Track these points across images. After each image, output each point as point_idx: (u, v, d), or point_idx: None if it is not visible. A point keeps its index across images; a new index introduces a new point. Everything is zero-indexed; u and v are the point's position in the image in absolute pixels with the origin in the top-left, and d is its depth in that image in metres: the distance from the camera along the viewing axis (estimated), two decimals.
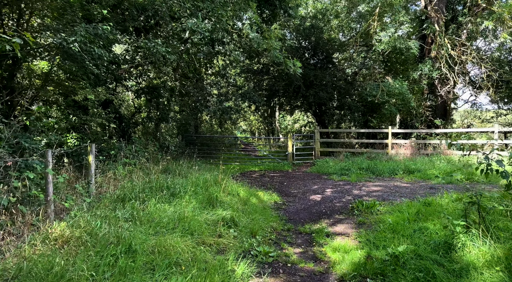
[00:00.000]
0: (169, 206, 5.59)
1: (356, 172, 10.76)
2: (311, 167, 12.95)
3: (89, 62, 4.84)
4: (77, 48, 4.10)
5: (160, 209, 5.34)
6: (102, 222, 4.25)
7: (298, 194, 7.85)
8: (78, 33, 3.98)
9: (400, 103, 14.68)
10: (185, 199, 5.99)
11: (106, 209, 4.96)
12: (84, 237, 3.80)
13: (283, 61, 8.35)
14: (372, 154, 12.82)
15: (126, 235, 3.87)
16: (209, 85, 16.41)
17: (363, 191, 7.94)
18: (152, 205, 5.41)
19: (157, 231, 4.38)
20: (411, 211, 5.76)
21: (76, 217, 4.28)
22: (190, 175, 8.11)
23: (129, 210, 4.89)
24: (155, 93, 10.16)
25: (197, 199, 6.09)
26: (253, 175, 11.31)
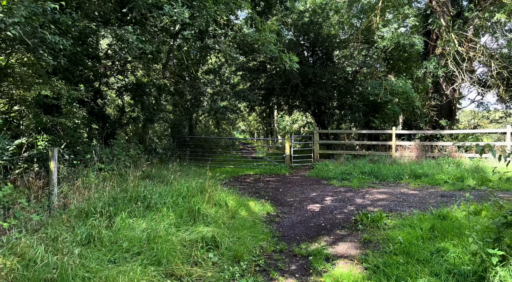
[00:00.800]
0: (142, 221, 4.77)
1: (358, 177, 9.94)
2: (309, 171, 12.13)
3: (43, 52, 4.04)
4: (18, 31, 3.31)
5: (130, 226, 4.52)
6: (49, 247, 3.43)
7: (295, 203, 7.02)
8: (18, 13, 3.19)
9: (403, 102, 13.87)
10: (162, 212, 5.17)
11: (63, 228, 4.14)
12: (16, 269, 2.98)
13: (278, 55, 7.54)
14: (375, 156, 12.01)
15: (71, 267, 3.05)
16: (204, 84, 15.60)
17: (367, 200, 7.12)
18: (120, 221, 4.59)
19: (117, 258, 3.56)
20: (424, 226, 4.95)
21: (16, 240, 3.46)
22: (175, 182, 7.29)
23: (88, 228, 4.07)
24: (139, 90, 9.34)
25: (176, 212, 5.27)
26: (247, 179, 10.49)
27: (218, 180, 10.23)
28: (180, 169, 10.50)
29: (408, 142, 12.13)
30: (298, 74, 13.12)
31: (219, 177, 10.89)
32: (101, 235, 4.03)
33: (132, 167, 8.42)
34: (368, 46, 18.05)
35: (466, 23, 14.97)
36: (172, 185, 6.77)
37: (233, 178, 10.75)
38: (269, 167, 12.98)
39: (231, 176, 11.30)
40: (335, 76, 13.89)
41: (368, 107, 14.45)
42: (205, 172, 11.46)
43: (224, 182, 9.81)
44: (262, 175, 11.61)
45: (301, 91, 13.57)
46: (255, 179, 10.50)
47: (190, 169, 10.97)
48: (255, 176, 11.23)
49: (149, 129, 10.92)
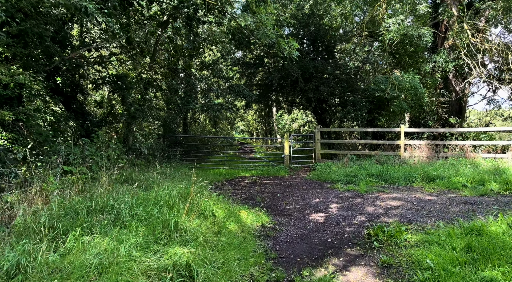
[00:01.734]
0: (103, 239, 3.77)
1: (365, 180, 8.95)
2: (310, 172, 11.14)
3: None
4: None
5: (83, 247, 3.52)
6: None
7: (295, 211, 6.02)
8: None
9: (411, 98, 12.88)
10: (131, 227, 4.18)
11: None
12: None
13: (276, 41, 6.54)
14: (382, 157, 11.01)
15: None
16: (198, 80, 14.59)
17: (379, 208, 6.12)
18: (72, 241, 3.59)
19: None
20: (457, 245, 3.96)
21: None
22: (155, 187, 6.30)
23: (20, 253, 3.07)
24: (119, 83, 8.34)
25: (148, 226, 4.27)
26: (242, 182, 9.49)
27: (209, 183, 9.24)
28: (168, 171, 9.51)
29: (418, 141, 11.13)
30: (298, 68, 12.13)
31: (211, 179, 9.92)
32: (38, 263, 3.04)
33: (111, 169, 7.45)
34: (372, 40, 17.06)
35: (478, 13, 14.00)
36: (151, 191, 5.78)
37: (227, 181, 9.75)
38: (266, 169, 11.99)
39: (225, 178, 10.31)
40: (338, 70, 12.89)
41: (373, 104, 13.45)
42: (195, 174, 10.47)
43: (216, 185, 8.82)
44: (259, 177, 10.61)
45: (301, 86, 12.56)
46: (251, 182, 9.50)
47: (179, 171, 9.97)
48: (251, 178, 10.23)
49: (133, 127, 9.91)
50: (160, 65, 12.02)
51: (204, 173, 10.87)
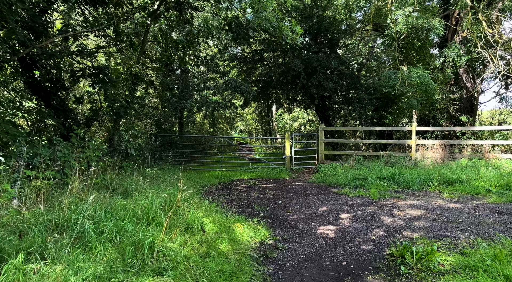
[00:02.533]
0: (53, 268, 2.89)
1: (376, 184, 8.08)
2: (314, 175, 10.27)
3: None
4: None
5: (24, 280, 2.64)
6: None
7: (299, 223, 5.14)
8: None
9: (421, 95, 12.01)
10: (95, 250, 3.30)
11: None
12: None
13: (277, 26, 5.66)
14: (391, 158, 10.14)
15: None
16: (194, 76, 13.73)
17: (398, 218, 5.24)
18: (9, 272, 2.71)
19: None
20: (511, 273, 3.09)
21: None
22: (138, 194, 5.44)
23: None
24: (100, 76, 7.44)
25: (119, 248, 3.40)
26: (240, 186, 8.61)
27: (202, 187, 8.37)
28: (157, 175, 8.64)
29: (431, 141, 10.25)
30: (300, 62, 11.25)
31: (205, 183, 9.04)
32: None
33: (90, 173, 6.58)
34: (377, 34, 16.20)
35: (491, 4, 13.14)
36: (130, 200, 4.91)
37: (223, 185, 8.87)
38: (266, 171, 11.11)
39: (221, 182, 9.43)
40: (343, 64, 12.00)
41: (380, 101, 12.58)
42: (188, 177, 9.59)
43: (210, 190, 7.94)
44: (258, 180, 9.73)
45: (304, 82, 11.68)
46: (249, 186, 8.62)
47: (170, 174, 9.09)
48: (250, 181, 9.35)
49: (120, 126, 9.03)
50: (151, 59, 11.13)
51: (199, 176, 9.99)
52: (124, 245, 3.41)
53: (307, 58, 11.05)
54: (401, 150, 12.41)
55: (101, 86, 7.47)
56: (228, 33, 10.46)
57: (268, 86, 13.84)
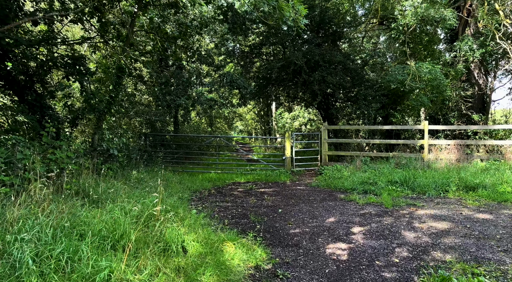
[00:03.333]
0: None
1: (387, 189, 7.22)
2: (316, 178, 9.41)
3: None
4: None
5: None
6: None
7: (304, 240, 4.27)
8: None
9: (432, 91, 11.15)
10: None
11: None
12: None
13: (276, 5, 4.79)
14: (402, 159, 9.27)
15: None
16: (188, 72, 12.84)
17: (421, 233, 4.37)
18: None
19: None
20: None
21: None
22: (111, 204, 4.57)
23: None
24: (76, 67, 6.56)
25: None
26: (235, 191, 7.74)
27: (193, 193, 7.49)
28: (145, 177, 7.77)
29: (445, 141, 9.39)
30: (302, 55, 10.39)
31: (197, 187, 8.17)
32: None
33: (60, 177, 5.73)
34: (383, 27, 15.38)
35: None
36: (97, 211, 4.04)
37: (217, 189, 8.00)
38: (265, 173, 10.25)
39: (215, 185, 8.56)
40: (348, 59, 11.13)
41: (388, 98, 11.72)
42: (179, 180, 8.73)
43: (201, 196, 7.06)
44: (255, 183, 8.87)
45: (305, 77, 10.81)
46: (246, 191, 7.74)
47: (158, 177, 8.22)
48: (247, 185, 8.47)
49: (102, 123, 8.15)
50: (141, 52, 10.25)
51: (191, 179, 9.12)
52: (73, 279, 2.54)
53: (309, 51, 10.19)
54: (410, 150, 11.57)
55: (77, 79, 6.59)
56: (223, 23, 9.59)
57: (267, 82, 12.96)
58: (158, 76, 11.48)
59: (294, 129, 22.07)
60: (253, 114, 38.18)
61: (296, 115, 21.56)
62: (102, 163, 7.49)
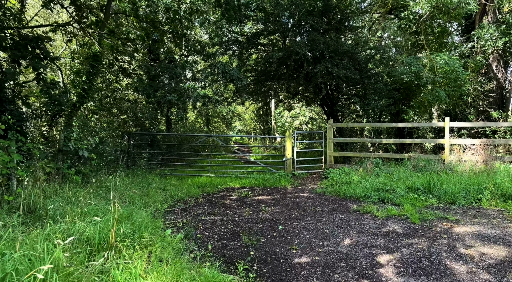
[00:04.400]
0: None
1: (408, 196, 6.06)
2: (321, 182, 8.25)
3: None
4: None
5: None
6: None
7: (314, 276, 3.09)
8: None
9: (449, 85, 10.00)
10: None
11: None
12: None
13: None
14: (419, 161, 8.11)
15: None
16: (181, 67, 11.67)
17: (475, 265, 3.20)
18: None
19: None
20: None
21: None
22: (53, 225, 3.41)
23: None
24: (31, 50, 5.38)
25: None
26: (227, 200, 6.56)
27: (177, 202, 6.31)
28: (119, 184, 6.58)
29: (469, 140, 8.23)
30: (304, 44, 9.22)
31: (182, 195, 6.97)
32: None
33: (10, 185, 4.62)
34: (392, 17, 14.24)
35: None
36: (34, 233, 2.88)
37: (206, 197, 6.82)
38: (263, 176, 9.07)
39: (204, 192, 7.38)
40: (355, 49, 9.97)
41: (399, 92, 10.57)
42: (163, 186, 7.55)
43: (185, 206, 5.88)
44: (252, 189, 7.70)
45: (308, 69, 9.64)
46: (240, 199, 6.57)
47: (139, 183, 7.06)
48: (242, 191, 7.30)
49: (72, 121, 6.98)
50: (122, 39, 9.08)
51: (179, 184, 7.96)
52: None
53: (312, 39, 9.03)
54: (421, 151, 10.43)
55: (32, 64, 5.41)
56: (216, 8, 8.42)
57: (266, 77, 11.78)
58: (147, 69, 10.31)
59: (294, 129, 20.91)
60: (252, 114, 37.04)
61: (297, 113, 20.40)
62: (70, 166, 6.32)
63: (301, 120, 21.77)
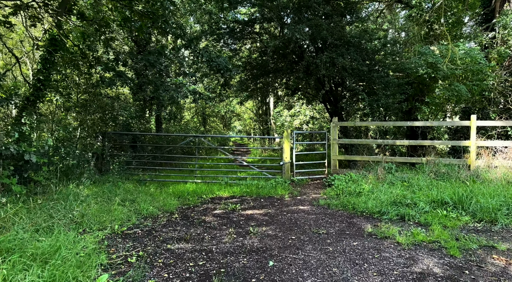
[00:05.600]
0: None
1: (435, 213, 4.82)
2: (325, 191, 7.01)
3: None
4: None
5: None
6: None
7: None
8: None
9: (470, 78, 8.76)
10: None
11: None
12: None
13: None
14: (441, 166, 6.86)
15: None
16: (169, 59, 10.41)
17: None
18: None
19: None
20: None
21: None
22: None
23: None
24: None
25: None
26: (209, 216, 5.32)
27: (144, 219, 5.05)
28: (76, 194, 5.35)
29: (500, 142, 6.97)
30: (304, 30, 7.97)
31: (153, 209, 5.72)
32: None
33: None
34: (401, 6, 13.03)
35: None
36: None
37: (183, 212, 5.57)
38: (257, 183, 7.83)
39: (184, 204, 6.14)
40: (363, 37, 8.72)
41: (413, 87, 9.33)
42: (133, 198, 6.31)
43: (152, 227, 4.62)
44: (242, 200, 6.47)
45: (309, 59, 8.40)
46: (225, 214, 5.33)
47: (102, 193, 5.82)
48: (229, 203, 6.05)
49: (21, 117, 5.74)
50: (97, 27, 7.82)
51: (157, 193, 6.72)
52: None
53: (314, 23, 7.78)
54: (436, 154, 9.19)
55: None
56: None
57: (262, 70, 10.53)
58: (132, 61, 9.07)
59: (294, 128, 19.67)
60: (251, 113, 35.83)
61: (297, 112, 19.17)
62: (13, 174, 5.09)
63: (301, 119, 20.51)
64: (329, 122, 11.28)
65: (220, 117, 36.49)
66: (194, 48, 6.60)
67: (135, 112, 12.16)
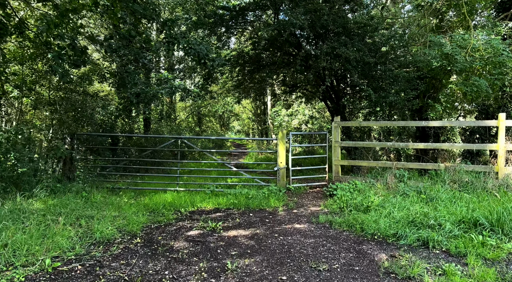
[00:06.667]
0: None
1: (466, 238, 3.75)
2: (326, 202, 5.95)
3: None
4: None
5: None
6: None
7: None
8: None
9: (491, 72, 7.69)
10: None
11: None
12: None
13: None
14: (463, 175, 5.79)
15: None
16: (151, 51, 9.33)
17: None
18: None
19: None
20: None
21: None
22: None
23: None
24: None
25: None
26: (180, 240, 4.24)
27: (95, 247, 3.84)
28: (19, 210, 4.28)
29: None
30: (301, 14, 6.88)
31: (117, 229, 4.60)
32: None
33: None
34: None
35: None
36: None
37: (150, 233, 4.49)
38: (247, 192, 6.75)
39: (155, 221, 5.04)
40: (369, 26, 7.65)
41: (425, 82, 8.27)
42: (89, 214, 5.23)
43: (101, 259, 3.52)
44: (227, 214, 5.40)
45: (308, 49, 7.33)
46: (201, 237, 4.25)
47: (54, 208, 4.76)
48: (210, 220, 4.96)
49: None
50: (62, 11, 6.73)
51: (127, 205, 5.64)
52: None
53: (313, 9, 6.72)
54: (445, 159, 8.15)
55: None
56: None
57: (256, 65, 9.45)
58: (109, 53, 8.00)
59: (292, 129, 18.59)
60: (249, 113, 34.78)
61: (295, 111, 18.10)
62: None
63: (300, 119, 19.41)
64: (330, 122, 10.22)
65: (217, 117, 35.41)
66: (169, 32, 5.52)
67: (117, 111, 11.08)
